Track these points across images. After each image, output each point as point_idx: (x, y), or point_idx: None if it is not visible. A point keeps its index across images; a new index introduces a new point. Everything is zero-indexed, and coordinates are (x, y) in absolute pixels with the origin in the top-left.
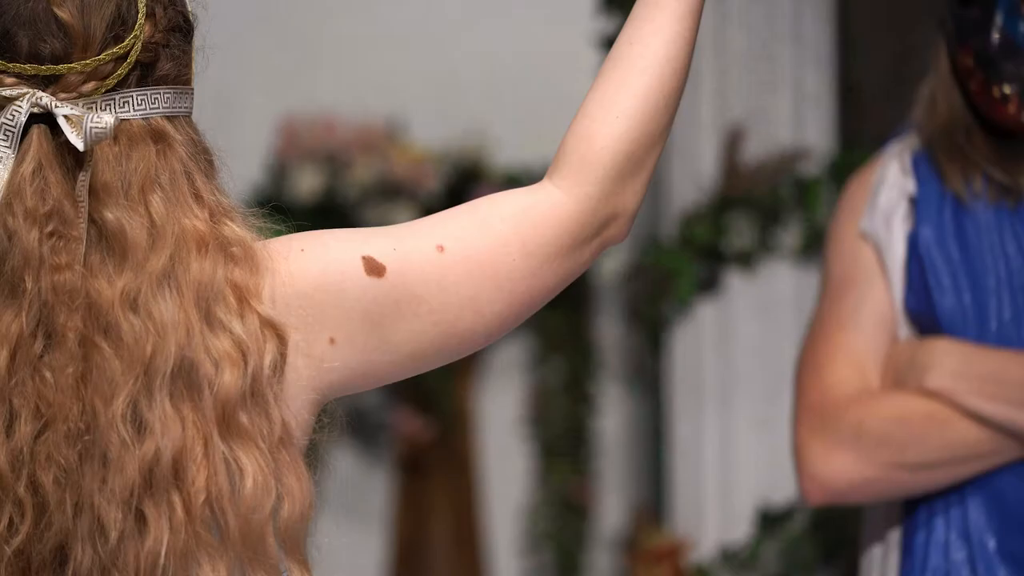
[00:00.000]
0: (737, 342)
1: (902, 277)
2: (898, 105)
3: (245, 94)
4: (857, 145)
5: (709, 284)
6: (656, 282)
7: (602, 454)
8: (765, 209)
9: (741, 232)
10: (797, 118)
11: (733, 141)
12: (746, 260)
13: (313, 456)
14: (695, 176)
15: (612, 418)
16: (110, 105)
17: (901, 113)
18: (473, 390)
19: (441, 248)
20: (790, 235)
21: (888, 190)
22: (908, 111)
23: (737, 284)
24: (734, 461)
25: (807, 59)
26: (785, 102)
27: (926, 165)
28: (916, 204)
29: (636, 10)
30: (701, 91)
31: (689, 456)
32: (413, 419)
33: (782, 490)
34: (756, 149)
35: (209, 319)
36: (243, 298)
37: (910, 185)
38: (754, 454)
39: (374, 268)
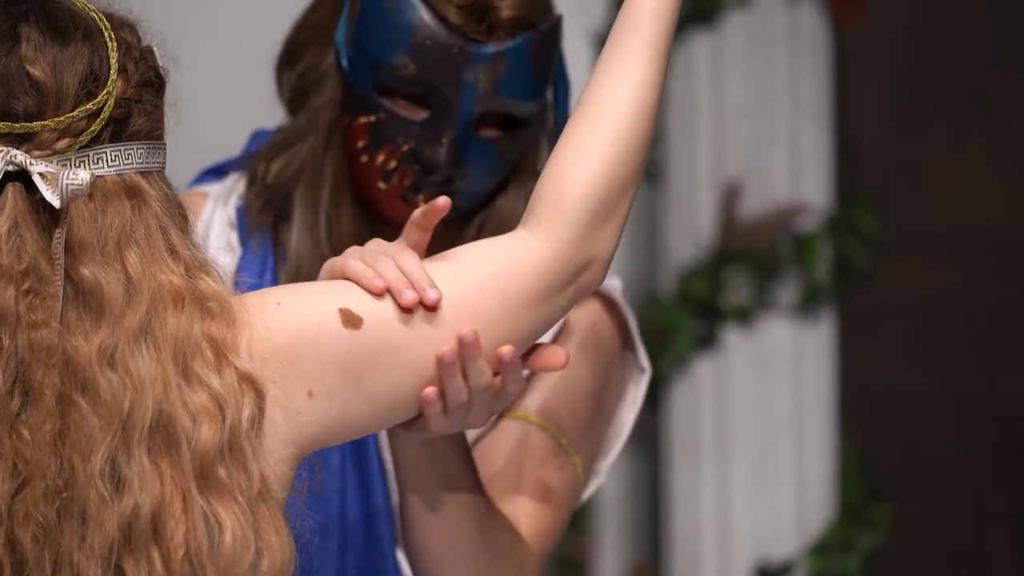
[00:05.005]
0: (734, 398)
1: None
2: (895, 160)
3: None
4: (854, 201)
5: (706, 340)
6: (654, 338)
7: (600, 510)
8: (763, 265)
9: (738, 288)
10: (794, 173)
11: (730, 196)
12: (744, 316)
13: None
14: (692, 232)
15: (610, 474)
16: (84, 161)
17: (898, 168)
18: None
19: None
20: (787, 291)
21: (216, 240)
22: (905, 165)
23: (734, 340)
24: (731, 517)
25: (804, 114)
26: (782, 157)
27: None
28: (239, 270)
29: (604, 53)
30: (698, 146)
31: (687, 511)
32: None
33: (780, 546)
34: (753, 204)
35: (186, 374)
36: (220, 352)
37: (235, 241)
38: (751, 509)
39: (351, 320)
